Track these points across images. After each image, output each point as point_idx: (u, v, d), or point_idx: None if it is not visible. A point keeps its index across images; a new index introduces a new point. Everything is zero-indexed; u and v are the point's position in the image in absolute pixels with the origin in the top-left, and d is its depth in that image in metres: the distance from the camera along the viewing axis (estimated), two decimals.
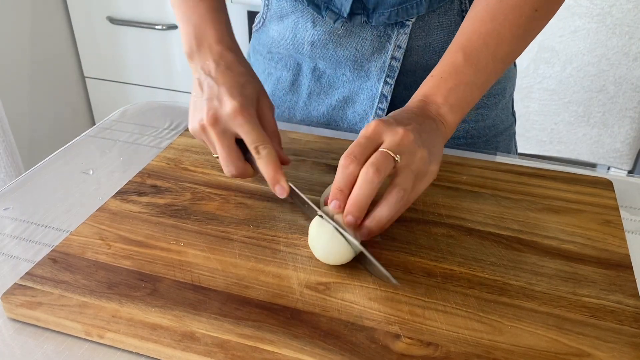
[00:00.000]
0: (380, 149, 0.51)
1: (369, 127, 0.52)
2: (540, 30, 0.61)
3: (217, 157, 0.60)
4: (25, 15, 1.82)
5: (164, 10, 1.81)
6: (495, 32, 0.58)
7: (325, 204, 0.53)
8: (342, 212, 0.50)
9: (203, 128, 0.58)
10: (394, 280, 0.49)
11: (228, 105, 0.57)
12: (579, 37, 1.45)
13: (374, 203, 0.51)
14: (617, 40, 1.43)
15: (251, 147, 0.57)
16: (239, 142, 0.59)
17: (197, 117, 0.59)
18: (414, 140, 0.51)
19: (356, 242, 0.50)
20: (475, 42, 0.58)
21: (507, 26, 0.58)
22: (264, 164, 0.57)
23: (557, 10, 0.61)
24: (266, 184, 0.61)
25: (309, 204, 0.56)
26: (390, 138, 0.51)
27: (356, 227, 0.51)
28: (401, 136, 0.51)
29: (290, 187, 0.57)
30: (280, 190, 0.56)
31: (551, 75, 1.52)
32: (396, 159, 0.50)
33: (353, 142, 0.52)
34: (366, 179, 0.49)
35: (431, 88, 0.58)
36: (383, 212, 0.50)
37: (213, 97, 0.58)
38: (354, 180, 0.50)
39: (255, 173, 0.61)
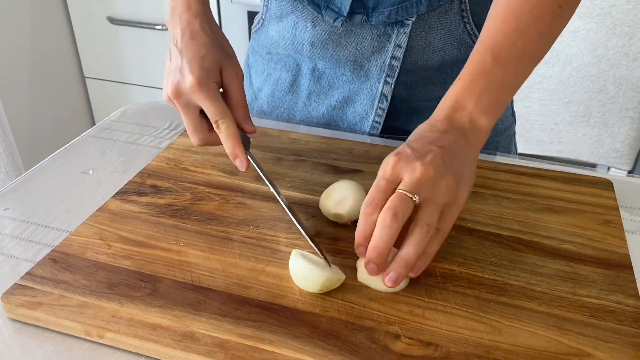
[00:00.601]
0: (397, 191, 0.49)
1: (387, 166, 0.50)
2: (565, 25, 0.59)
3: None
4: (25, 15, 1.82)
5: (164, 10, 1.81)
6: (520, 31, 0.56)
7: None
8: None
9: (169, 99, 0.60)
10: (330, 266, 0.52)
11: (187, 80, 0.58)
12: (579, 38, 1.45)
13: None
14: (617, 41, 1.43)
15: (212, 121, 0.59)
16: None
17: (165, 88, 0.61)
18: (435, 173, 0.49)
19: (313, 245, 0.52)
20: (502, 42, 0.56)
21: (532, 24, 0.56)
22: (223, 138, 0.59)
23: (579, 3, 0.59)
24: (265, 183, 0.61)
25: (269, 184, 0.58)
26: (409, 176, 0.49)
27: (380, 272, 0.48)
28: (420, 173, 0.49)
29: (250, 161, 0.59)
30: (240, 163, 0.59)
31: (551, 75, 1.52)
32: (414, 199, 0.48)
33: (373, 185, 0.50)
34: (384, 224, 0.47)
35: (461, 90, 0.55)
36: (408, 252, 0.48)
37: (177, 69, 0.60)
38: None
39: (221, 142, 0.62)
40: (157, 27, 1.83)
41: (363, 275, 0.51)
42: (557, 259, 0.55)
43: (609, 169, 1.61)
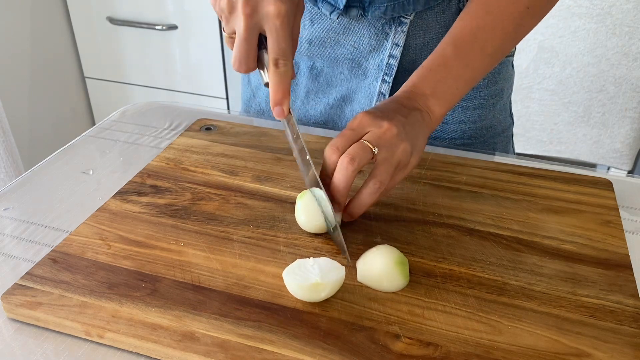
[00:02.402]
0: (360, 140, 0.54)
1: (356, 119, 0.55)
2: (532, 27, 0.62)
3: (229, 36, 0.55)
4: (25, 15, 1.82)
5: (164, 10, 1.81)
6: (485, 27, 0.60)
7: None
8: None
9: (233, 8, 0.52)
10: (348, 260, 0.54)
11: (273, 6, 0.51)
12: (579, 38, 1.45)
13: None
14: (617, 41, 1.43)
15: (272, 57, 0.53)
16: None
17: None
18: (397, 134, 0.54)
19: (333, 218, 0.54)
20: (465, 37, 0.60)
21: (498, 22, 0.60)
22: (277, 79, 0.53)
23: (550, 9, 0.62)
24: (265, 183, 0.61)
25: (299, 140, 0.56)
26: (374, 131, 0.54)
27: (339, 210, 0.55)
28: (384, 130, 0.54)
29: (290, 113, 0.55)
30: (279, 111, 0.54)
31: (551, 75, 1.52)
32: (374, 150, 0.53)
33: (339, 133, 0.55)
34: (340, 167, 0.53)
35: (420, 79, 0.60)
36: (361, 200, 0.55)
37: None
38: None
39: (252, 70, 0.56)
40: (157, 27, 1.83)
41: (363, 275, 0.51)
42: (557, 259, 0.55)
43: (608, 169, 1.61)
